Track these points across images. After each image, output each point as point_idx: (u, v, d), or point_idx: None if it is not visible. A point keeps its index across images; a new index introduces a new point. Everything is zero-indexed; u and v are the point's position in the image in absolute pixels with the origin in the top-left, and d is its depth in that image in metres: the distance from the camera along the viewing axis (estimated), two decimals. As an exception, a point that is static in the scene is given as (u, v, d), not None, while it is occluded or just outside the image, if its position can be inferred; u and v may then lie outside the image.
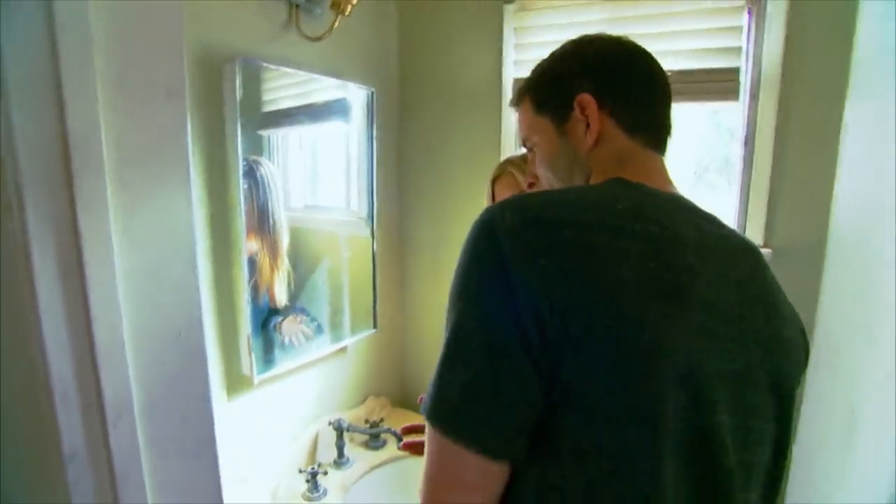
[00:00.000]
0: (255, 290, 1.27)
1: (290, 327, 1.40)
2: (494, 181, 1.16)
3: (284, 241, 1.35)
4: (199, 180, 1.16)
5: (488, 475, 0.48)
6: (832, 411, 0.36)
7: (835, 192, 0.44)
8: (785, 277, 1.30)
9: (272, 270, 1.31)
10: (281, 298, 1.35)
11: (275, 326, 1.36)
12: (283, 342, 1.38)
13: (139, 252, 0.60)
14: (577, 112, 0.62)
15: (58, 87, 0.50)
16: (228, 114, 1.15)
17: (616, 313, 0.45)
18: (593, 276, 0.46)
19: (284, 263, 1.35)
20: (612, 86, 0.63)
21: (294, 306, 1.41)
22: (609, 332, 0.45)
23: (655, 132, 0.66)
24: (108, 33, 0.55)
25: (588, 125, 0.62)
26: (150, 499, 0.63)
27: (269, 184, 1.28)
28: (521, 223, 0.48)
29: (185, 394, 0.68)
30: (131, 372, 0.59)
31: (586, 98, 0.62)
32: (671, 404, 0.46)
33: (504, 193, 1.11)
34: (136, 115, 0.59)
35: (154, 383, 0.63)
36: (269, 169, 1.28)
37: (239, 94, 1.14)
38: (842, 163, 0.43)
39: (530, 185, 0.75)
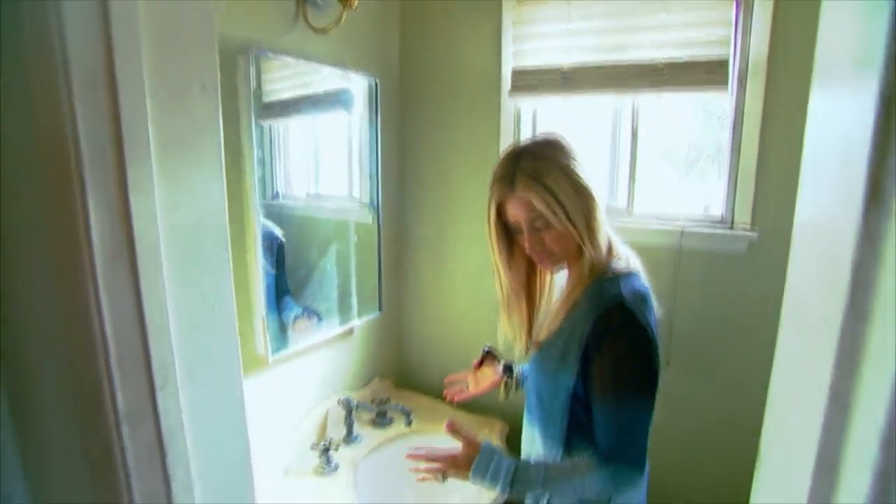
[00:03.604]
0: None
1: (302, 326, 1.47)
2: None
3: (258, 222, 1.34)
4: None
5: None
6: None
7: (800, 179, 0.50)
8: (772, 259, 1.38)
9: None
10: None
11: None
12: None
13: (180, 232, 0.66)
14: None
15: (112, 78, 0.56)
16: (242, 104, 1.20)
17: None
18: None
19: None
20: None
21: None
22: None
23: None
24: (150, 32, 0.61)
25: None
26: (190, 455, 0.70)
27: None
28: None
29: (220, 361, 0.74)
30: (174, 341, 0.66)
31: None
32: None
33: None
34: (175, 105, 0.65)
35: (193, 351, 0.69)
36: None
37: (253, 84, 1.19)
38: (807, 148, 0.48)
39: None
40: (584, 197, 0.93)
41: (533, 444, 1.07)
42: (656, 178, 1.64)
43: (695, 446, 1.58)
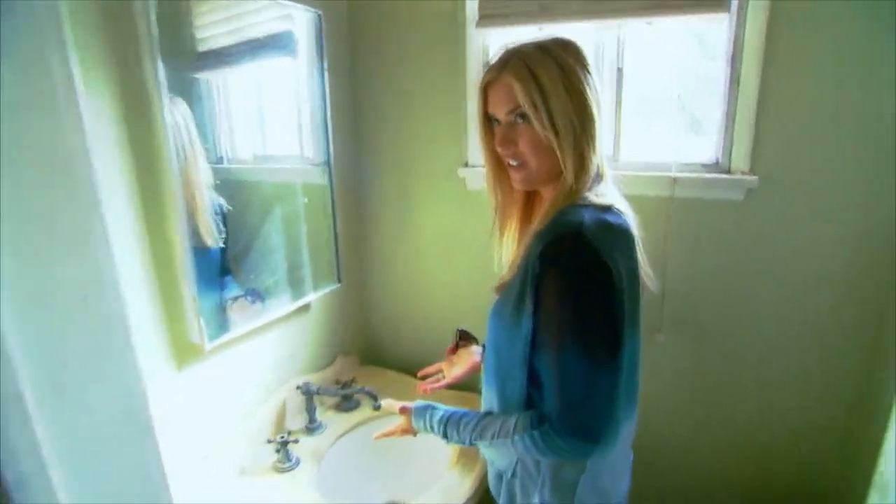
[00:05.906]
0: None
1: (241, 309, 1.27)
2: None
3: (203, 176, 1.15)
4: (118, 118, 0.97)
5: None
6: None
7: None
8: (773, 206, 1.24)
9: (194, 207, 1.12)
10: (210, 238, 1.17)
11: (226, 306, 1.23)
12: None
13: (8, 176, 0.43)
14: None
15: None
16: (142, 32, 0.94)
17: None
18: None
19: (207, 197, 1.16)
20: None
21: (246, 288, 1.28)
22: None
23: None
24: None
25: None
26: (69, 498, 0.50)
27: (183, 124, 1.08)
28: None
29: (105, 371, 0.53)
30: (16, 351, 0.45)
31: None
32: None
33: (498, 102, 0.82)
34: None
35: (57, 363, 0.49)
36: (180, 108, 1.08)
37: (154, 11, 0.93)
38: None
39: None
40: (579, 108, 0.76)
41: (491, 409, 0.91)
42: (644, 123, 1.47)
43: (688, 415, 1.47)
